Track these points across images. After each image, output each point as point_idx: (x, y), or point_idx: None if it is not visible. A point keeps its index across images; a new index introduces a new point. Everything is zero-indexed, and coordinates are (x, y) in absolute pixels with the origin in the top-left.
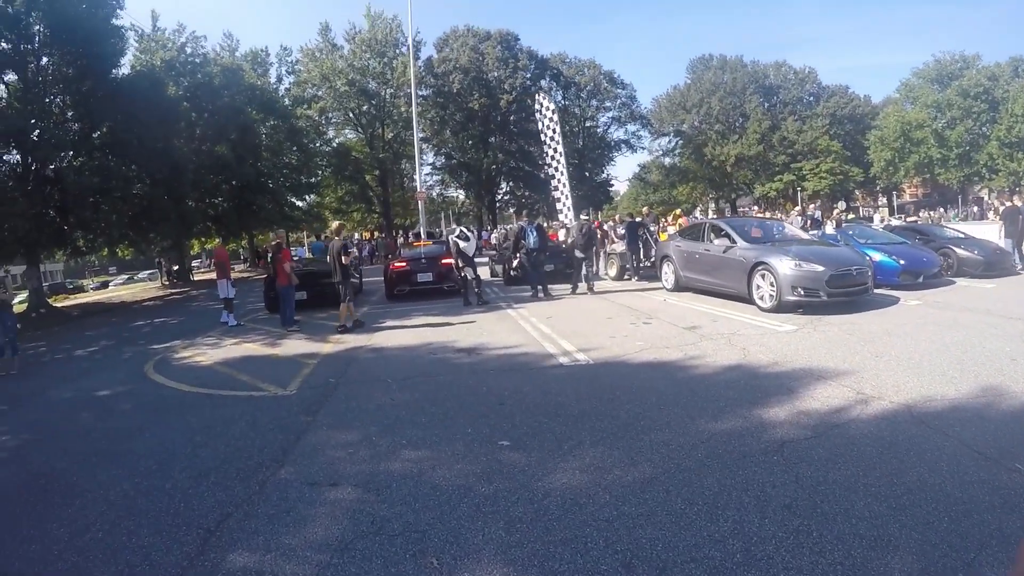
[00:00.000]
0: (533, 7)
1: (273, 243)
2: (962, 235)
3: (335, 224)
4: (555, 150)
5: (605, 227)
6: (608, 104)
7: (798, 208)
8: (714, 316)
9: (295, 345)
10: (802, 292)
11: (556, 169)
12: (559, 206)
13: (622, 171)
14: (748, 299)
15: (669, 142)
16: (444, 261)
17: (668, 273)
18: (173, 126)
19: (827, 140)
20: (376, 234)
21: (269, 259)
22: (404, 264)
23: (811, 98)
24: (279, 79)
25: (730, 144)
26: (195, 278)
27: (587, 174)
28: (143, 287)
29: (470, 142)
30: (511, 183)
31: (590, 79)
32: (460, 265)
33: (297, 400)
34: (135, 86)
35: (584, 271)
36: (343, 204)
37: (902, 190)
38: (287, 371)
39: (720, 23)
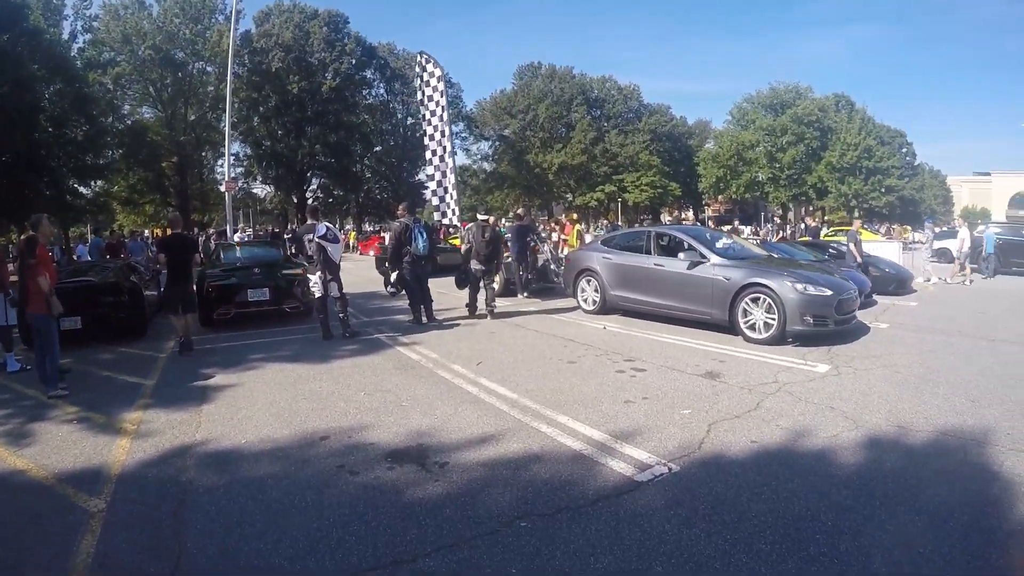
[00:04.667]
0: None
1: (23, 239)
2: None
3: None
4: (436, 128)
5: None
6: (422, 110)
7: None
8: (700, 352)
9: (60, 438)
10: (811, 321)
11: (437, 153)
12: (436, 200)
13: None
14: (723, 327)
15: (490, 146)
16: (286, 271)
17: (588, 291)
18: None
19: (648, 155)
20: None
21: (16, 264)
22: (228, 274)
23: (633, 114)
24: (73, 36)
25: (553, 152)
26: None
27: (404, 175)
28: None
29: (283, 131)
30: (323, 179)
31: (417, 74)
32: (326, 278)
33: None
34: None
35: (482, 288)
36: (135, 193)
37: (707, 205)
38: (41, 543)
39: (548, 35)
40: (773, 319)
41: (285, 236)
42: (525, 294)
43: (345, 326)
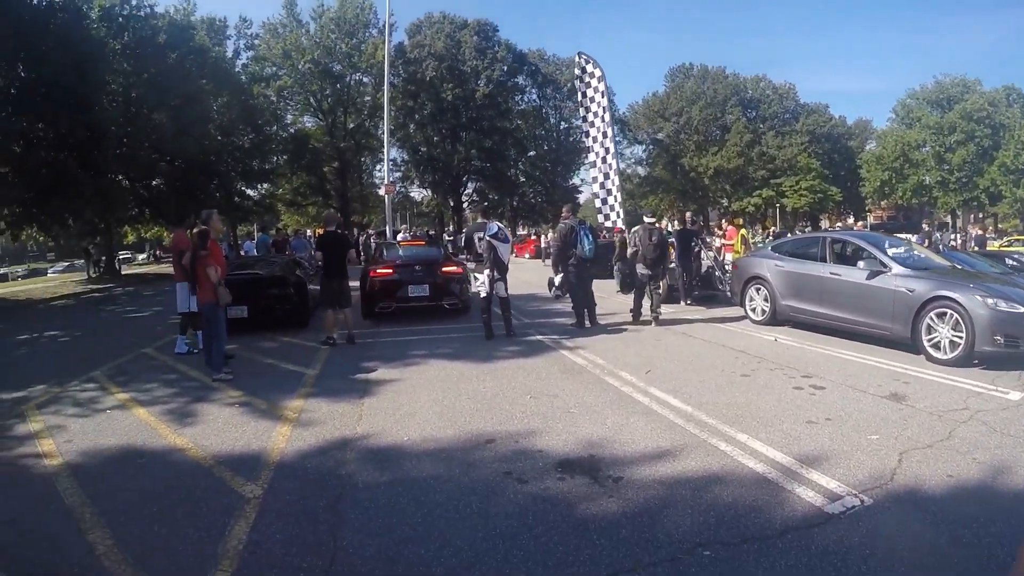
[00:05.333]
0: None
1: (195, 232)
2: None
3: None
4: (598, 128)
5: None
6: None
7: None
8: (881, 371)
9: (222, 420)
10: (1002, 341)
11: (599, 155)
12: (599, 203)
13: (589, 177)
14: (906, 344)
15: (644, 150)
16: (445, 269)
17: (757, 300)
18: (98, 75)
19: (807, 157)
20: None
21: (188, 258)
22: (390, 271)
23: (789, 115)
24: (236, 53)
25: (709, 156)
26: (132, 270)
27: (558, 179)
28: (62, 280)
29: (438, 137)
30: (479, 183)
31: (569, 78)
32: (494, 277)
33: None
34: (51, 15)
35: (648, 294)
36: (298, 196)
37: (869, 212)
38: (192, 524)
39: (699, 34)
40: (960, 338)
41: (446, 236)
42: (688, 301)
43: (508, 327)
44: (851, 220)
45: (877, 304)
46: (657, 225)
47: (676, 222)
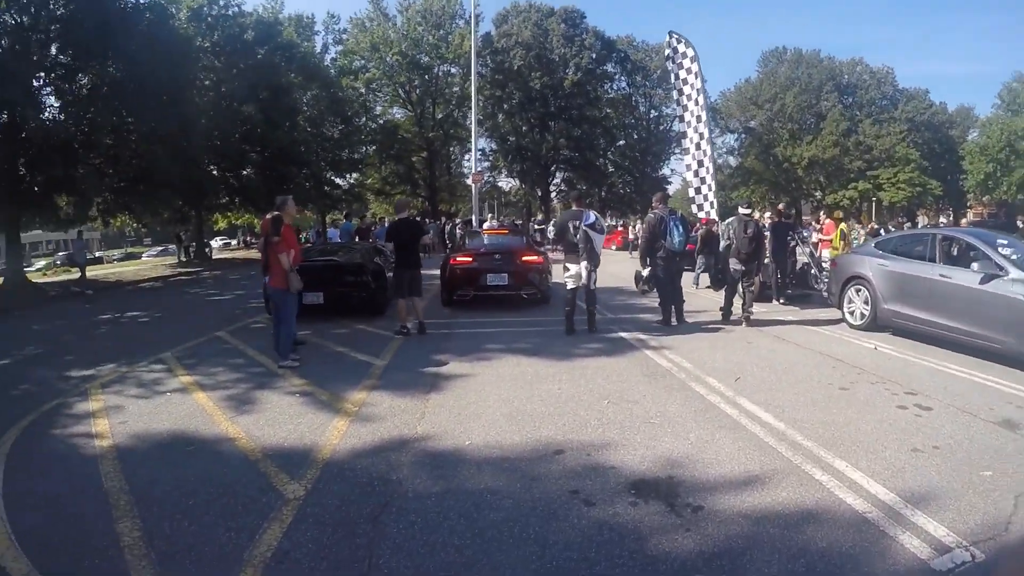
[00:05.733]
0: None
1: (270, 216)
2: None
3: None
4: (692, 112)
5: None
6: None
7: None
8: (994, 391)
9: (279, 410)
10: None
11: (693, 141)
12: (692, 192)
13: (679, 168)
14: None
15: (736, 139)
16: (525, 258)
17: (857, 302)
18: (186, 72)
19: (905, 147)
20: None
21: (263, 242)
22: (469, 259)
23: (887, 101)
24: (325, 48)
25: (803, 145)
26: (222, 255)
27: (647, 169)
28: (154, 263)
29: (526, 126)
30: (567, 172)
31: (659, 65)
32: (588, 267)
33: None
34: (138, 17)
35: (740, 291)
36: (387, 185)
37: (969, 208)
38: (224, 523)
39: (792, 18)
40: None
41: (534, 225)
42: (781, 300)
43: (591, 322)
44: (951, 216)
45: (990, 313)
46: (753, 217)
47: (769, 215)
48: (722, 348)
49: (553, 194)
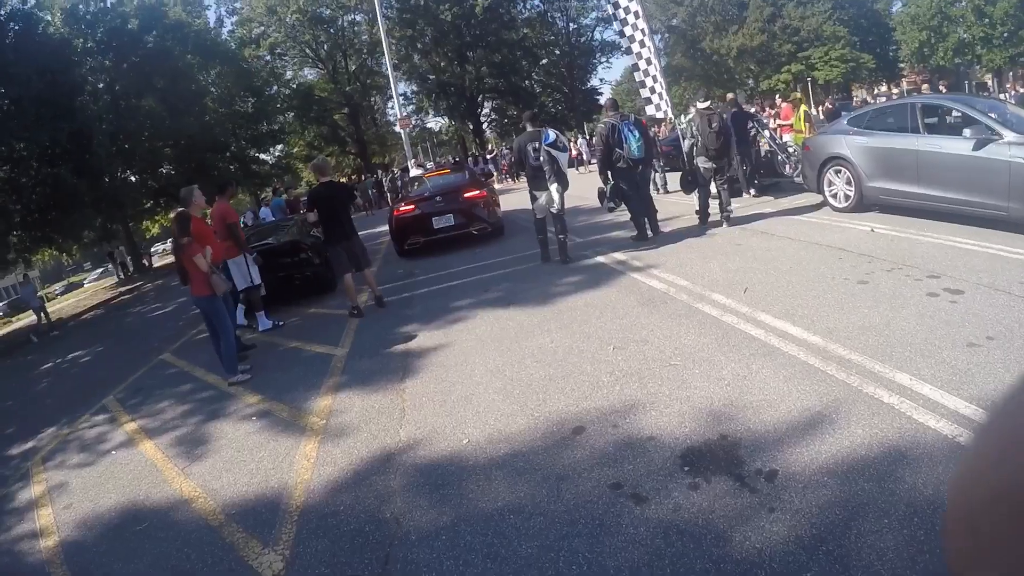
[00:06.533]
0: None
1: (173, 217)
2: None
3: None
4: (628, 9)
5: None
6: (592, 3)
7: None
8: (1004, 260)
9: (237, 445)
10: None
11: (635, 40)
12: (646, 91)
13: (609, 76)
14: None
15: (660, 39)
16: (467, 195)
17: (838, 184)
18: (70, 79)
19: (833, 26)
20: (359, 177)
21: (174, 247)
22: (412, 207)
23: None
24: (219, 22)
25: (729, 36)
26: (164, 261)
27: (576, 84)
28: (94, 289)
29: (444, 61)
30: (496, 101)
31: None
32: (559, 189)
33: None
34: (1, 30)
35: (715, 190)
36: (314, 150)
37: (903, 78)
38: None
39: None
40: None
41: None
42: (752, 192)
43: (563, 251)
44: (884, 88)
45: (989, 179)
46: (715, 110)
47: (723, 105)
48: (713, 256)
49: (484, 125)
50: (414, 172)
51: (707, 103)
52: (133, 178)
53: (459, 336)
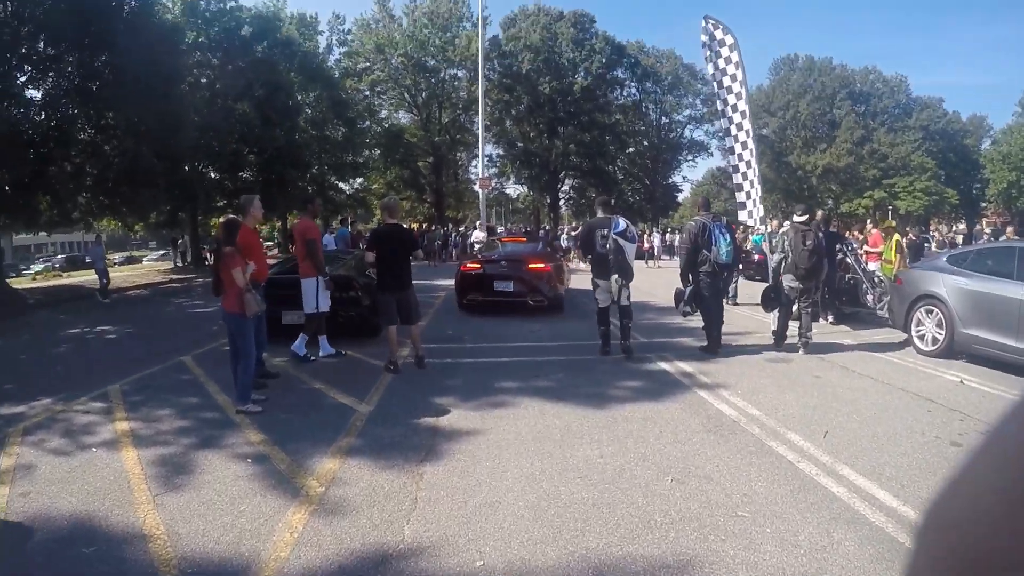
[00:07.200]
0: None
1: (222, 222)
2: None
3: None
4: (735, 107)
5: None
6: (687, 101)
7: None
8: None
9: (221, 487)
10: None
11: (738, 140)
12: (741, 195)
13: (692, 176)
14: None
15: None
16: (532, 265)
17: (928, 325)
18: (174, 65)
19: (921, 156)
20: (430, 226)
21: (214, 253)
22: (478, 266)
23: (901, 110)
24: (329, 49)
25: (817, 153)
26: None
27: (657, 177)
28: (149, 268)
29: (535, 132)
30: (577, 180)
31: (669, 71)
32: (620, 283)
33: None
34: (119, 6)
35: (796, 311)
36: (391, 190)
37: (982, 217)
38: None
39: (804, 28)
40: None
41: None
42: (830, 319)
43: (625, 338)
44: (963, 226)
45: None
46: (811, 227)
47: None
48: (790, 386)
49: (562, 201)
50: (477, 234)
51: (804, 217)
52: (213, 175)
53: (497, 424)
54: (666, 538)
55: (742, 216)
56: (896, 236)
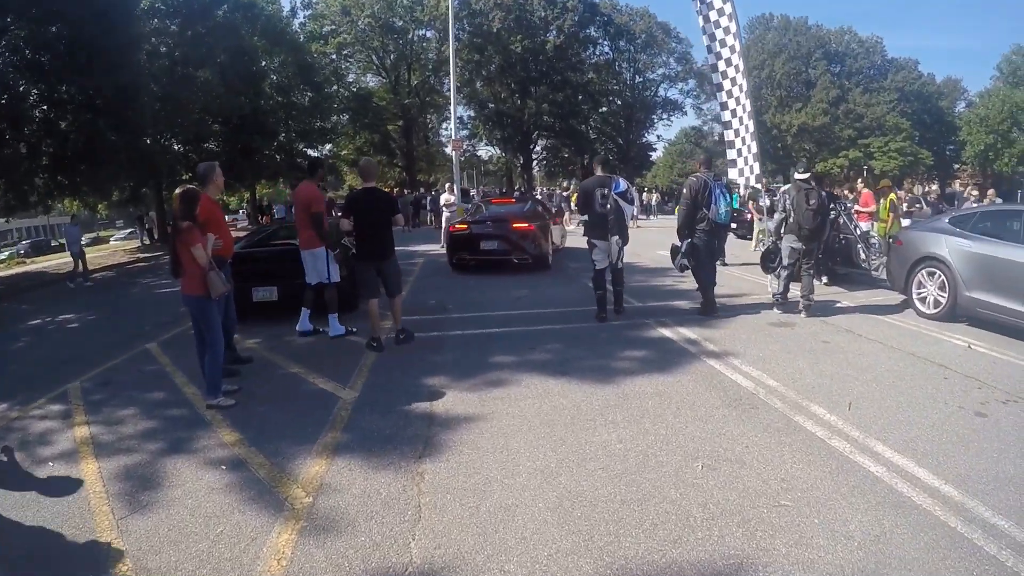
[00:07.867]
0: None
1: (178, 194)
2: None
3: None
4: (729, 62)
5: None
6: (661, 59)
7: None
8: None
9: (192, 503)
10: None
11: (732, 95)
12: (732, 153)
13: (667, 135)
14: None
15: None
16: (516, 225)
17: (929, 288)
18: (129, 33)
19: (896, 117)
20: (401, 190)
21: (171, 229)
22: (466, 227)
23: (876, 71)
24: (293, 12)
25: (792, 112)
26: None
27: (632, 136)
28: (115, 248)
29: (506, 92)
30: (550, 140)
31: (643, 29)
32: (619, 243)
33: None
34: None
35: (794, 272)
36: (361, 155)
37: (955, 178)
38: None
39: None
40: None
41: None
42: (824, 279)
43: (619, 302)
44: (935, 186)
45: None
46: (814, 185)
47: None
48: (800, 353)
49: (535, 162)
50: (446, 197)
51: (806, 175)
52: (176, 147)
53: (498, 407)
54: (710, 538)
55: (732, 174)
56: (892, 195)
